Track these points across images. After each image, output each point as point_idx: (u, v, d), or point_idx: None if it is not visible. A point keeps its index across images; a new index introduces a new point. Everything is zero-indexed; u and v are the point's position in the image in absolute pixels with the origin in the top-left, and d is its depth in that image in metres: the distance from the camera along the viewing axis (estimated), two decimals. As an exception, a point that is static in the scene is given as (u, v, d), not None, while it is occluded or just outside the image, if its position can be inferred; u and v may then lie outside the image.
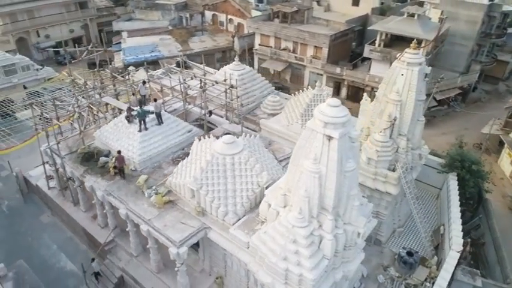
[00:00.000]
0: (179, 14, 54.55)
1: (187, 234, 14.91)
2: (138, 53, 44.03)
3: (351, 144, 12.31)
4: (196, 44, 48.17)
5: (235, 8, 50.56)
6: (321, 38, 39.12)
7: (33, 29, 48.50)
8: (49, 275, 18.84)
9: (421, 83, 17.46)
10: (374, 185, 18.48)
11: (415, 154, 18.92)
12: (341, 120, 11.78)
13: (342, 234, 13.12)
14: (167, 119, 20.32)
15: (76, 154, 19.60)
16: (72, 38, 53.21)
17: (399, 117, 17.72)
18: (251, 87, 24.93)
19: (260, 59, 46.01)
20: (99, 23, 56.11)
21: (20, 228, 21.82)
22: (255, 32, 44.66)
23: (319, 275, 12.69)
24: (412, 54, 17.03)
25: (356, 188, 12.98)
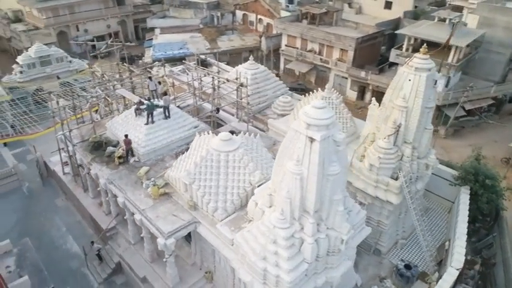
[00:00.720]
0: (211, 13, 55.51)
1: (176, 227, 15.21)
2: (166, 50, 45.30)
3: (335, 147, 12.03)
4: (225, 43, 48.80)
5: (264, 8, 50.72)
6: (347, 41, 38.36)
7: (73, 24, 51.25)
8: (54, 255, 19.92)
9: (430, 90, 16.71)
10: (375, 193, 17.95)
11: (421, 163, 18.13)
12: (324, 122, 11.55)
13: (325, 239, 12.86)
14: (174, 114, 20.77)
15: (87, 142, 20.55)
16: (108, 33, 55.62)
17: (404, 124, 17.08)
18: (263, 86, 24.96)
19: (286, 60, 45.89)
20: (135, 20, 58.35)
21: (35, 209, 23.20)
22: (282, 32, 44.56)
23: (297, 277, 12.51)
24: (421, 59, 16.34)
25: (341, 193, 12.66)
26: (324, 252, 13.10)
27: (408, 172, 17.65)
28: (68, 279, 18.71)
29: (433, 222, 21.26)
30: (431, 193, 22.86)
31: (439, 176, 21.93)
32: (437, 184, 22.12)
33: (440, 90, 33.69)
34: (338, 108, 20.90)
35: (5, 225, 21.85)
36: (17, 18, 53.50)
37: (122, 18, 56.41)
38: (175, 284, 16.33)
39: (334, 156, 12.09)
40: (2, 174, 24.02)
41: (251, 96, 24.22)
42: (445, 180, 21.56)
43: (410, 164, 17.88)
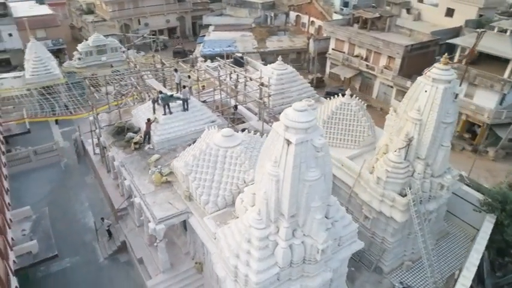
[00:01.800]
0: (265, 13, 56.03)
1: (168, 214, 15.79)
2: (215, 46, 46.66)
3: (314, 152, 11.64)
4: (273, 43, 48.98)
5: (317, 10, 49.99)
6: (395, 48, 36.48)
7: (136, 17, 54.92)
8: (72, 227, 21.68)
9: (448, 104, 15.40)
10: (379, 207, 17.00)
11: (435, 183, 16.76)
12: (303, 125, 11.23)
13: (299, 246, 12.51)
14: (193, 107, 21.45)
15: (112, 127, 22.03)
16: (167, 28, 58.88)
17: (417, 138, 15.94)
18: (288, 88, 24.73)
19: (332, 64, 44.88)
20: (194, 16, 60.87)
21: (67, 183, 25.41)
22: (330, 35, 43.62)
23: (266, 280, 12.32)
24: (441, 69, 15.12)
25: (320, 200, 12.19)
26: (299, 259, 12.73)
27: (418, 190, 16.44)
28: (79, 250, 20.27)
29: (451, 248, 19.56)
30: (455, 217, 21.11)
31: (464, 200, 20.16)
32: (463, 208, 20.36)
33: (493, 108, 30.68)
34: (356, 116, 20.07)
35: (39, 193, 24.26)
36: (90, 10, 58.62)
37: (181, 15, 59.19)
38: (165, 269, 16.95)
39: (312, 162, 11.70)
40: (44, 149, 26.62)
41: (274, 97, 24.17)
42: (470, 204, 19.75)
43: (422, 182, 16.66)
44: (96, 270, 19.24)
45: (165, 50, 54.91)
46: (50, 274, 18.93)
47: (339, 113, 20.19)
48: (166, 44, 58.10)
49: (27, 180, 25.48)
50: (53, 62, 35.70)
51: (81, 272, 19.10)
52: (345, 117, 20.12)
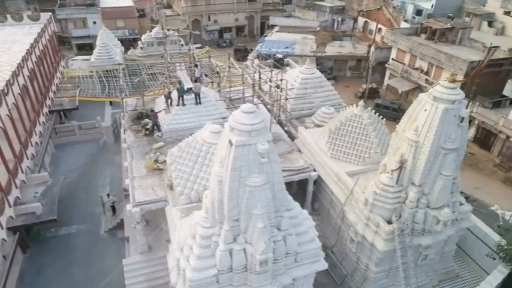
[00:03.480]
0: (332, 17, 54.43)
1: (146, 199, 16.45)
2: (272, 47, 46.70)
3: (258, 158, 11.12)
4: (333, 48, 47.37)
5: (386, 17, 46.99)
6: (458, 63, 32.70)
7: (206, 14, 57.45)
8: (89, 198, 23.74)
9: (451, 127, 13.47)
10: (363, 231, 15.59)
11: (431, 215, 14.76)
12: (246, 127, 10.81)
13: (239, 252, 12.08)
14: (207, 102, 21.89)
15: (136, 112, 23.53)
16: (236, 26, 60.54)
17: (412, 162, 14.25)
18: (312, 93, 23.75)
19: (391, 75, 41.89)
20: (263, 16, 61.58)
21: (99, 158, 27.87)
22: (392, 44, 40.75)
23: (202, 280, 12.15)
24: (445, 87, 13.29)
25: (262, 209, 11.60)
26: (239, 266, 12.29)
27: (407, 219, 14.70)
28: (87, 220, 22.14)
29: (452, 293, 17.11)
30: (470, 259, 18.37)
31: (481, 241, 17.50)
32: (481, 250, 17.64)
33: None
34: (366, 130, 18.51)
35: (74, 163, 27.03)
36: (169, 4, 63.02)
37: (251, 14, 60.35)
38: (143, 250, 17.67)
39: (255, 167, 11.21)
40: (87, 125, 29.51)
41: (295, 101, 23.53)
42: (488, 247, 17.07)
43: (415, 212, 14.85)
44: (94, 240, 20.83)
45: (229, 47, 56.83)
46: (57, 236, 21.02)
47: (347, 125, 18.84)
48: (232, 42, 60.02)
49: (69, 150, 28.53)
50: (118, 50, 39.25)
51: (82, 239, 20.85)
52: (353, 129, 18.72)
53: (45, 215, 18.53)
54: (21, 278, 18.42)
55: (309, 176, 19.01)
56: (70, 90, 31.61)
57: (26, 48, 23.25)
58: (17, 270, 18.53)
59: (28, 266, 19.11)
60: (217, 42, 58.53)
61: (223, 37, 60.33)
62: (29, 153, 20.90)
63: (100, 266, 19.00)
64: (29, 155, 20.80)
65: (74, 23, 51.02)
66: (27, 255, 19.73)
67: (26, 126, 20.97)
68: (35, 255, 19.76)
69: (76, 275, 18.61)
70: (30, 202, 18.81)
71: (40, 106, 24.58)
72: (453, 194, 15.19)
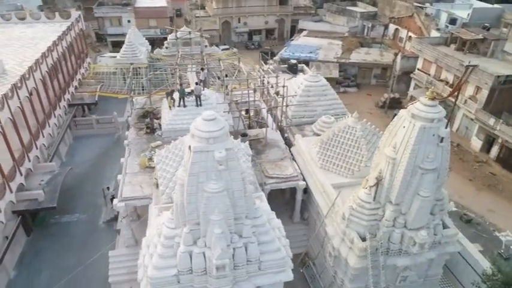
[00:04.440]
0: (363, 23, 53.18)
1: (132, 195, 17.15)
2: (295, 51, 46.54)
3: (215, 165, 11.32)
4: (358, 55, 46.34)
5: (417, 25, 45.26)
6: (483, 76, 30.93)
7: (236, 16, 58.20)
8: (95, 189, 24.97)
9: (429, 147, 12.93)
10: (339, 245, 15.32)
11: (407, 236, 14.21)
12: (204, 134, 11.09)
13: (199, 255, 12.35)
14: (208, 104, 22.27)
15: (142, 110, 24.49)
16: (265, 29, 60.80)
17: (389, 179, 13.82)
18: (314, 101, 23.51)
19: (416, 85, 40.34)
20: (294, 20, 61.33)
21: (111, 152, 29.17)
22: (418, 54, 39.23)
23: (161, 278, 12.54)
24: (424, 105, 12.79)
25: (220, 215, 11.78)
26: (199, 269, 12.55)
27: (381, 238, 14.27)
28: (89, 210, 23.34)
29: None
30: (460, 284, 17.47)
31: (472, 267, 16.61)
32: (470, 276, 16.76)
33: None
34: (357, 143, 18.11)
35: (87, 155, 28.56)
36: (203, 6, 64.48)
37: (281, 17, 60.37)
38: (128, 244, 18.41)
39: (213, 174, 11.42)
40: (104, 120, 31.02)
41: (297, 108, 23.42)
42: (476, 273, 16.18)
43: (391, 231, 14.37)
44: (92, 230, 21.95)
45: (258, 50, 57.19)
46: (59, 222, 22.37)
47: (340, 136, 18.53)
48: (261, 44, 60.33)
49: (85, 143, 30.18)
50: (144, 48, 40.79)
51: (81, 228, 22.04)
52: (345, 141, 18.38)
53: (46, 202, 19.81)
54: (21, 258, 19.83)
55: (297, 184, 18.88)
56: (92, 85, 33.36)
57: (47, 46, 24.95)
58: (19, 251, 19.97)
59: (29, 248, 20.53)
60: (246, 44, 59.10)
61: (252, 39, 60.85)
62: (39, 144, 22.42)
63: (92, 254, 19.86)
64: (39, 145, 22.31)
65: (110, 21, 53.65)
66: (30, 238, 21.18)
67: (39, 118, 22.55)
68: (37, 238, 21.17)
69: (69, 261, 19.69)
70: (34, 189, 20.19)
71: (57, 100, 26.26)
72: (435, 216, 14.53)
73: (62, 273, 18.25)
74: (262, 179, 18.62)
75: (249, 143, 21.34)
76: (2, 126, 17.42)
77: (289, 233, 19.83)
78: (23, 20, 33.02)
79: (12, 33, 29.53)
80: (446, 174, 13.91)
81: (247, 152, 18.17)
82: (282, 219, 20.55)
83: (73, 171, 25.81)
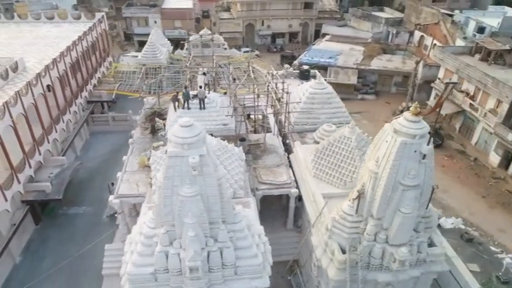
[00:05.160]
0: (387, 29, 52.09)
1: (126, 193, 17.86)
2: (315, 56, 46.32)
3: (189, 170, 11.68)
4: (379, 62, 45.48)
5: (442, 33, 43.80)
6: (504, 90, 29.57)
7: (260, 19, 58.60)
8: (103, 184, 26.01)
9: (411, 163, 12.70)
10: (321, 256, 15.29)
11: (388, 252, 13.99)
12: (179, 140, 11.48)
13: (174, 255, 12.77)
14: (211, 108, 22.75)
15: (150, 110, 25.34)
16: (289, 32, 60.85)
17: (371, 193, 13.67)
18: (318, 109, 23.37)
19: (437, 95, 39.04)
20: (318, 24, 60.98)
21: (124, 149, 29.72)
22: (440, 63, 38.02)
23: (139, 274, 13.07)
24: (407, 120, 12.59)
25: (195, 218, 12.13)
26: (174, 269, 12.97)
27: (361, 252, 14.13)
28: (95, 204, 24.42)
29: None
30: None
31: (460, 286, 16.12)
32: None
33: None
34: (352, 153, 17.92)
35: (100, 150, 29.85)
36: (228, 8, 65.38)
37: (305, 21, 60.17)
38: (124, 239, 18.96)
39: (187, 179, 11.79)
40: (120, 117, 32.29)
41: (300, 115, 23.41)
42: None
43: (372, 246, 14.19)
44: (95, 223, 22.98)
45: (279, 53, 57.35)
46: (67, 214, 23.60)
47: (335, 146, 18.41)
48: (283, 47, 60.42)
49: (101, 138, 31.55)
50: (164, 49, 41.91)
51: (86, 220, 23.12)
52: (339, 151, 18.24)
53: (52, 194, 20.97)
54: (28, 245, 21.12)
55: (289, 192, 18.95)
56: (112, 84, 34.74)
57: (66, 45, 26.37)
58: (26, 239, 21.26)
59: (36, 236, 21.81)
60: (268, 47, 59.43)
61: (275, 42, 61.07)
62: (52, 138, 23.72)
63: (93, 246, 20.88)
64: (51, 140, 23.61)
65: (137, 21, 55.60)
66: (38, 226, 22.48)
67: (53, 114, 23.88)
68: (44, 227, 22.46)
69: (71, 251, 20.71)
70: (43, 181, 21.43)
71: (74, 97, 27.65)
72: (419, 234, 14.22)
73: (63, 261, 19.29)
74: (254, 185, 18.83)
75: (248, 148, 21.76)
76: (13, 121, 18.71)
77: (282, 239, 20.38)
78: (51, 20, 34.89)
79: (39, 32, 31.37)
80: (430, 191, 13.57)
81: (241, 156, 18.44)
82: (276, 226, 21.23)
83: (85, 166, 27.12)
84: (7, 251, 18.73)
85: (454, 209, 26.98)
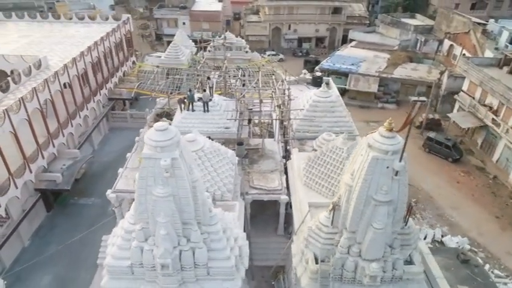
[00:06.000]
0: (416, 37, 50.54)
1: (123, 188, 18.89)
2: (337, 62, 45.88)
3: (162, 171, 12.30)
4: (403, 70, 44.30)
5: (471, 42, 41.96)
6: (528, 106, 28.06)
7: (287, 23, 58.75)
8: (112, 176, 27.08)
9: (382, 178, 12.60)
10: (297, 264, 15.45)
11: (360, 266, 13.93)
12: (152, 143, 12.07)
13: (148, 251, 13.44)
14: (215, 111, 23.43)
15: (159, 110, 26.43)
16: (315, 37, 60.55)
17: (345, 206, 13.70)
18: (321, 117, 23.38)
19: (460, 108, 37.58)
20: (346, 29, 60.21)
21: (138, 145, 31.69)
22: (464, 74, 36.53)
23: (116, 267, 13.88)
24: (380, 135, 12.52)
25: (167, 218, 12.74)
26: (148, 264, 13.64)
27: (333, 264, 14.16)
28: (103, 196, 25.56)
29: None
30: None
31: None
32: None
33: None
34: (343, 164, 17.86)
35: (117, 145, 31.38)
36: (257, 11, 66.01)
37: (333, 26, 59.62)
38: (120, 232, 20.18)
39: (159, 180, 12.42)
40: (137, 115, 33.74)
41: (302, 122, 23.54)
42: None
43: (345, 258, 14.18)
44: (101, 214, 24.19)
45: (304, 57, 57.19)
46: (76, 204, 25.13)
47: (327, 155, 18.45)
48: (309, 52, 60.18)
49: (118, 134, 33.16)
50: (188, 51, 43.22)
51: (93, 211, 24.51)
52: (331, 161, 18.26)
53: (62, 184, 22.47)
54: (38, 231, 22.75)
55: (279, 198, 19.19)
56: (133, 82, 36.37)
57: (87, 46, 28.08)
58: (37, 224, 22.90)
59: (46, 223, 23.43)
60: (294, 51, 59.44)
61: (301, 46, 60.98)
62: (67, 132, 25.35)
63: (95, 236, 22.18)
64: (66, 134, 25.24)
65: (167, 22, 57.59)
66: (50, 214, 24.13)
67: (70, 110, 25.53)
68: (54, 215, 24.08)
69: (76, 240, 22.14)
70: (55, 172, 23.00)
71: (93, 94, 29.32)
72: (395, 250, 14.03)
73: (66, 248, 20.65)
74: (245, 189, 19.24)
75: (246, 152, 22.20)
76: (28, 115, 20.32)
77: (271, 244, 20.69)
78: (82, 20, 37.10)
79: (68, 31, 33.51)
80: (405, 208, 13.39)
81: (232, 160, 18.91)
82: (268, 231, 21.55)
83: (100, 159, 28.65)
84: (16, 233, 20.33)
85: (462, 228, 26.02)
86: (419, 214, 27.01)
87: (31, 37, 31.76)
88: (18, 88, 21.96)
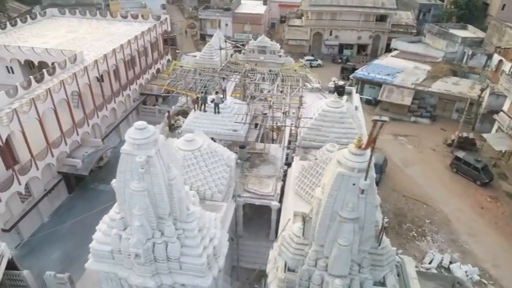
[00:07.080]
0: (463, 49, 47.59)
1: (125, 180, 20.18)
2: (372, 71, 44.64)
3: (138, 167, 13.22)
4: (443, 84, 42.00)
5: (522, 59, 38.74)
6: None
7: (328, 28, 58.03)
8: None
9: (348, 195, 12.53)
10: (269, 270, 15.75)
11: (325, 280, 13.88)
12: (130, 140, 13.01)
13: (125, 240, 14.43)
14: (226, 113, 24.21)
15: (178, 108, 27.74)
16: (357, 44, 59.18)
17: (314, 218, 13.76)
18: (328, 127, 23.16)
19: (499, 129, 35.00)
20: (391, 37, 58.14)
21: (160, 139, 33.46)
22: (506, 94, 33.95)
23: (100, 251, 15.12)
24: (348, 152, 12.46)
25: (142, 211, 13.67)
26: (125, 252, 14.70)
27: (300, 275, 14.26)
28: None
29: None
30: None
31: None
32: None
33: None
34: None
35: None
36: (301, 15, 65.89)
37: (377, 33, 57.88)
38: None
39: (136, 175, 13.37)
40: (164, 111, 35.44)
41: (309, 131, 23.52)
42: None
43: (312, 271, 14.22)
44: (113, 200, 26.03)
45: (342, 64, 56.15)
46: (95, 189, 27.21)
47: (319, 166, 18.45)
48: (349, 59, 58.94)
49: (146, 128, 35.11)
50: (222, 51, 44.56)
51: (108, 197, 26.04)
52: (323, 172, 18.18)
53: (81, 170, 24.51)
54: (57, 210, 25.01)
55: (270, 204, 19.45)
56: (165, 79, 38.30)
57: (121, 43, 30.17)
58: (58, 204, 25.18)
59: (66, 204, 25.69)
60: (333, 58, 58.63)
61: (342, 53, 59.95)
62: (92, 122, 27.49)
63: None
64: (91, 124, 27.38)
65: (210, 23, 59.52)
66: (71, 195, 26.39)
67: (97, 102, 27.65)
68: (74, 197, 26.30)
69: (88, 221, 24.04)
70: (77, 158, 25.14)
71: (122, 88, 31.41)
72: (364, 269, 13.81)
73: (78, 229, 22.59)
74: (238, 191, 19.75)
75: (249, 156, 22.70)
76: (54, 104, 22.47)
77: (261, 249, 20.99)
78: (125, 19, 39.74)
79: (110, 29, 36.12)
80: (373, 228, 13.14)
81: (228, 162, 19.48)
82: (261, 235, 21.90)
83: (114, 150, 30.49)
84: (36, 210, 22.59)
85: (476, 257, 24.45)
86: (431, 236, 25.75)
87: (77, 33, 34.71)
88: (52, 79, 24.32)
